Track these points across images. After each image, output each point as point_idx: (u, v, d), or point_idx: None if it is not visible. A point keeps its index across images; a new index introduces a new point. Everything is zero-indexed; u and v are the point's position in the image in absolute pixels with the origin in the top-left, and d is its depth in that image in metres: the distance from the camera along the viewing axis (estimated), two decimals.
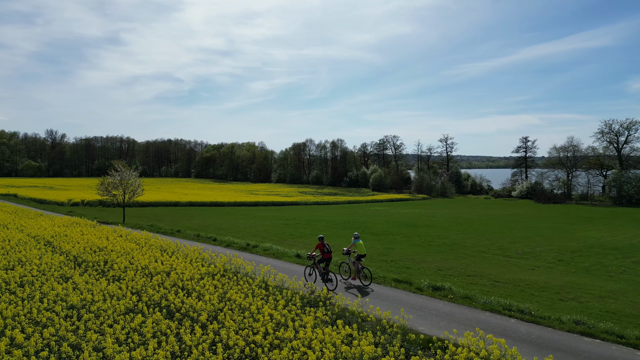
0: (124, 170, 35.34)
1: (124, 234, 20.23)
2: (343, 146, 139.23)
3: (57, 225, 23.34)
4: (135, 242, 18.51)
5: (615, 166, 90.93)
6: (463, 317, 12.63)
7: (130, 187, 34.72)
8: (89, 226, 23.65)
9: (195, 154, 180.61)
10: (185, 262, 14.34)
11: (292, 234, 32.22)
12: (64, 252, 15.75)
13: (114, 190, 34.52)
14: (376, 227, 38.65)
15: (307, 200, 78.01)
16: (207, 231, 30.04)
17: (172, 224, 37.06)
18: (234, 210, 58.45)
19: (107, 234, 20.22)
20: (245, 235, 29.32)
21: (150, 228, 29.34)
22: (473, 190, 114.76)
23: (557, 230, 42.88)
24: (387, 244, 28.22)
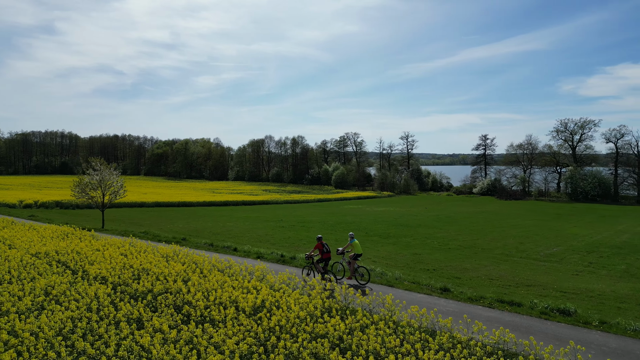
0: (104, 168, 31.53)
1: (148, 249, 17.01)
2: (304, 143, 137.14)
3: (48, 236, 19.72)
4: (167, 257, 15.50)
5: (570, 163, 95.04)
6: None
7: (111, 188, 30.98)
8: (88, 237, 20.16)
9: (145, 150, 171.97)
10: (268, 288, 11.62)
11: (298, 238, 29.88)
12: (96, 277, 12.62)
13: (92, 192, 30.64)
14: (375, 228, 37.05)
15: (277, 199, 75.38)
16: (209, 237, 27.12)
17: (158, 228, 33.63)
18: (207, 211, 54.95)
19: (130, 248, 16.91)
20: (254, 242, 26.69)
21: (144, 236, 25.95)
22: (434, 187, 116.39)
23: (543, 228, 43.22)
24: (407, 249, 26.57)
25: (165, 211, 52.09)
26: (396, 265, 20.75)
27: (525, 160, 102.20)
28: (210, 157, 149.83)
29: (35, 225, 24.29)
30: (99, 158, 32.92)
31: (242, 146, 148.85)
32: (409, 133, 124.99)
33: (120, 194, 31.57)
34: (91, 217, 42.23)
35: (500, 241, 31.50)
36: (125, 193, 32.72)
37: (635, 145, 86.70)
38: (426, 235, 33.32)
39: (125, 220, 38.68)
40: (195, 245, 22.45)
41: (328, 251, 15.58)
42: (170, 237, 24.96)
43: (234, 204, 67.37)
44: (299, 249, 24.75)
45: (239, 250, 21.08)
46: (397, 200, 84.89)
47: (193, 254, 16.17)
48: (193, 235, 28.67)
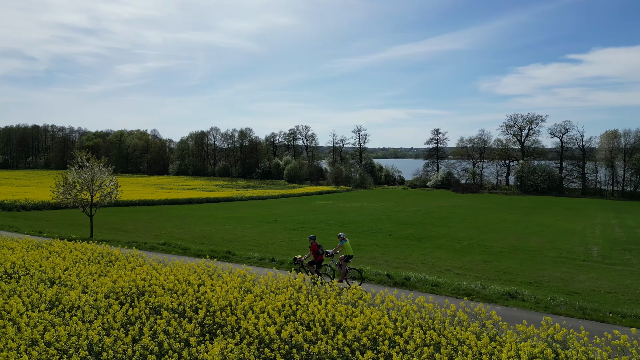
0: (94, 164, 26.13)
1: (232, 282, 12.73)
2: (252, 136, 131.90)
3: (27, 254, 14.82)
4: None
5: (519, 157, 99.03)
6: None
7: (105, 188, 25.71)
8: (91, 253, 15.39)
9: (72, 142, 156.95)
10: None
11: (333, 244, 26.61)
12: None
13: (81, 193, 25.18)
14: (387, 229, 34.60)
15: (241, 196, 70.74)
16: (241, 248, 23.15)
17: (154, 235, 28.82)
18: (178, 210, 49.60)
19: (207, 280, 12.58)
20: (295, 252, 23.11)
21: (166, 248, 21.32)
22: (387, 180, 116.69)
23: (535, 223, 43.25)
24: (460, 254, 24.34)
25: (133, 212, 46.15)
26: (478, 276, 18.37)
27: (477, 154, 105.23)
28: (148, 150, 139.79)
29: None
30: (85, 152, 27.36)
31: (183, 138, 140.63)
32: (361, 127, 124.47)
33: (114, 195, 26.32)
34: (54, 220, 35.92)
35: (526, 240, 30.32)
36: (120, 193, 27.47)
37: (579, 140, 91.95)
38: (450, 235, 31.42)
39: (99, 225, 33.17)
40: (243, 260, 18.54)
41: (323, 253, 15.03)
42: (205, 250, 20.65)
43: (198, 202, 62.05)
44: (373, 261, 21.63)
45: (278, 262, 17.58)
46: (360, 195, 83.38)
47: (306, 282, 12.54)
48: (212, 244, 24.49)
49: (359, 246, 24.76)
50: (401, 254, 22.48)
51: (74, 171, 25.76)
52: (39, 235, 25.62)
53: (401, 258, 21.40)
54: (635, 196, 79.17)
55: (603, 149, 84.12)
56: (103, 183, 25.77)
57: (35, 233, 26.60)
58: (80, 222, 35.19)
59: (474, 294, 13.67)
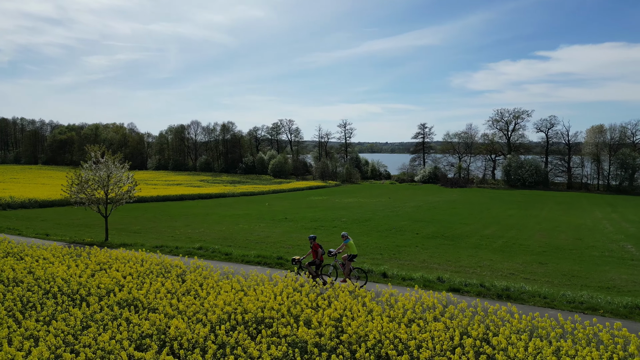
0: (110, 160, 23.85)
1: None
2: (235, 130, 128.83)
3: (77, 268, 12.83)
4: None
5: (504, 152, 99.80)
6: None
7: (122, 186, 23.48)
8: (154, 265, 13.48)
9: (43, 136, 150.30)
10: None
11: (374, 244, 25.16)
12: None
13: (96, 192, 22.86)
14: (398, 225, 33.41)
15: (232, 192, 68.52)
16: (260, 248, 21.45)
17: (163, 236, 26.77)
18: (174, 207, 47.20)
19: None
20: None
21: (205, 254, 19.35)
22: (373, 175, 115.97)
23: (537, 217, 43.00)
24: (508, 255, 23.29)
25: (127, 209, 43.45)
26: (550, 281, 17.28)
27: (463, 149, 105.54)
28: (126, 144, 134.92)
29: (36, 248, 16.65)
30: (98, 146, 25.01)
31: (162, 132, 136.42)
32: (346, 121, 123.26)
33: (132, 193, 24.10)
34: (50, 220, 33.19)
35: (554, 237, 29.67)
36: (138, 192, 25.25)
37: (565, 135, 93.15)
38: (477, 233, 30.45)
39: (98, 225, 30.80)
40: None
41: (323, 253, 14.72)
42: (251, 256, 18.64)
43: (190, 198, 59.60)
44: (426, 265, 20.24)
45: (389, 276, 15.93)
46: (351, 190, 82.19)
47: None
48: (242, 246, 22.65)
49: (398, 247, 23.42)
50: (450, 257, 21.21)
51: (88, 168, 23.43)
52: (48, 239, 23.27)
53: (452, 261, 20.14)
54: (620, 190, 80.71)
55: (589, 143, 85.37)
56: (120, 181, 23.56)
57: (42, 236, 24.18)
58: (80, 222, 32.66)
59: (600, 308, 12.27)
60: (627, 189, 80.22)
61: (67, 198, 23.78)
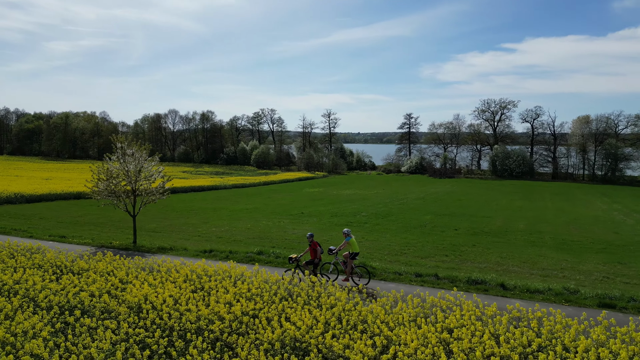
0: (137, 151, 21.21)
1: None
2: (215, 119, 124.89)
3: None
4: None
5: (491, 142, 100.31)
6: None
7: (154, 180, 20.86)
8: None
9: (7, 125, 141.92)
10: None
11: (404, 245, 23.51)
12: None
13: (125, 186, 20.13)
14: (427, 220, 32.05)
15: (224, 184, 65.79)
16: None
17: (192, 236, 24.42)
18: (170, 201, 44.33)
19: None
20: (398, 258, 19.74)
21: (265, 259, 17.12)
22: (358, 166, 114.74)
23: (547, 209, 42.57)
24: (576, 254, 22.11)
25: None
26: None
27: (448, 139, 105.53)
28: (99, 133, 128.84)
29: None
30: (124, 136, 22.29)
31: (137, 121, 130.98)
32: (330, 110, 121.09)
33: (164, 190, 21.52)
34: (50, 219, 30.04)
35: (588, 231, 28.91)
36: (171, 186, 22.71)
37: (551, 125, 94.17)
38: (512, 228, 29.34)
39: (102, 224, 28.05)
40: (399, 278, 15.00)
41: (322, 252, 14.51)
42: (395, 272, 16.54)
43: (183, 191, 56.68)
44: (502, 268, 18.71)
45: (508, 288, 14.16)
46: (342, 181, 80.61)
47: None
48: (290, 247, 20.62)
49: (457, 247, 21.81)
50: (518, 257, 19.73)
51: (116, 160, 20.77)
52: (65, 241, 20.59)
53: (528, 262, 18.61)
54: (606, 180, 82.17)
55: (576, 134, 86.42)
56: (151, 175, 21.02)
57: (57, 239, 21.42)
58: (86, 220, 29.72)
59: None
60: (613, 178, 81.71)
61: (92, 195, 21.00)
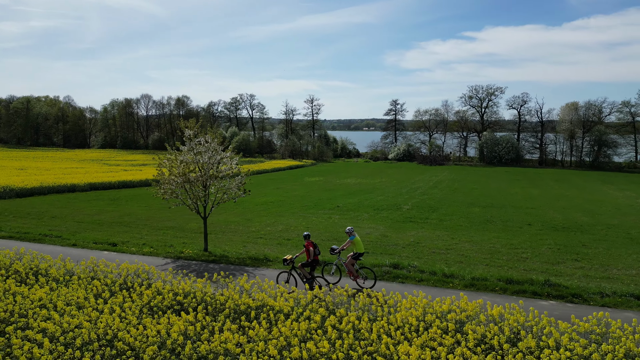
0: (215, 141, 17.52)
1: None
2: (191, 105, 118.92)
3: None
4: None
5: (478, 129, 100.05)
6: None
7: (229, 175, 17.22)
8: None
9: None
10: None
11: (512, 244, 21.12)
12: None
13: (197, 183, 16.39)
14: (476, 214, 29.95)
15: None
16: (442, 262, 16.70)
17: (251, 238, 21.13)
18: None
19: None
20: (510, 262, 17.23)
21: (407, 274, 13.92)
22: (343, 153, 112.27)
23: (562, 197, 41.56)
24: None
25: (129, 198, 36.29)
26: None
27: (434, 126, 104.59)
28: (65, 119, 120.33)
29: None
30: (192, 120, 18.48)
31: (105, 106, 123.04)
32: (313, 96, 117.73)
33: (243, 183, 17.76)
34: (65, 217, 25.77)
35: (631, 223, 27.49)
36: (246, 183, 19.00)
37: (538, 112, 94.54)
38: (570, 220, 27.59)
39: (133, 224, 24.32)
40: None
41: (319, 253, 13.59)
42: (491, 278, 13.73)
43: None
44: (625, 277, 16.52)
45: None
46: (332, 169, 77.86)
47: None
48: (419, 256, 17.73)
49: (565, 247, 19.60)
50: (627, 261, 17.74)
51: (185, 151, 17.13)
52: (127, 252, 16.95)
53: None
54: (595, 166, 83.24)
55: (565, 120, 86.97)
56: (230, 169, 17.46)
57: (106, 247, 17.69)
58: (106, 219, 25.69)
59: None
60: (601, 164, 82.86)
61: (160, 194, 17.22)
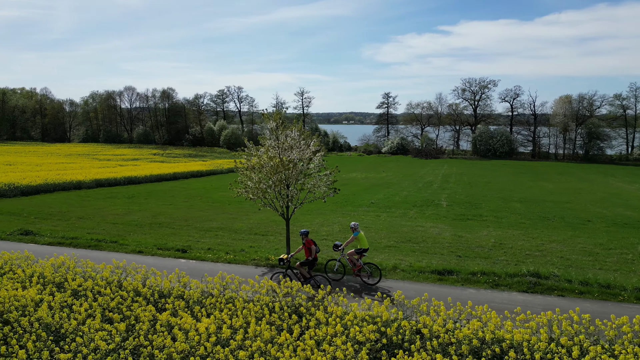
0: (302, 135, 15.50)
1: None
2: (177, 97, 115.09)
3: None
4: None
5: (471, 122, 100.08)
6: None
7: (321, 174, 15.19)
8: None
9: None
10: None
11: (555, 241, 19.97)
12: None
13: (281, 183, 14.44)
14: (522, 210, 29.06)
15: (221, 168, 59.43)
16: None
17: None
18: (190, 190, 38.22)
19: None
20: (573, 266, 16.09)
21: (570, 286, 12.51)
22: (334, 147, 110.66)
23: (603, 192, 41.39)
24: None
25: (133, 195, 33.89)
26: None
27: (426, 119, 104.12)
28: (43, 112, 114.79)
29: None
30: (278, 112, 16.35)
31: (85, 99, 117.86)
32: (303, 89, 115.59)
33: (331, 180, 15.60)
34: (94, 220, 23.41)
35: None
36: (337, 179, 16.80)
37: (531, 105, 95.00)
38: (612, 218, 26.90)
39: (154, 223, 22.35)
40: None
41: (318, 251, 13.02)
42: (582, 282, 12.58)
43: (184, 177, 50.16)
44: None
45: None
46: (334, 163, 76.12)
47: None
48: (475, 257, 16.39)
49: None
50: None
51: (272, 146, 15.17)
52: (197, 258, 15.06)
53: None
54: (588, 159, 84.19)
55: (558, 113, 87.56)
56: (319, 166, 15.56)
57: (174, 254, 15.73)
58: (136, 220, 23.50)
59: None
60: (594, 157, 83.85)
61: (244, 193, 15.21)
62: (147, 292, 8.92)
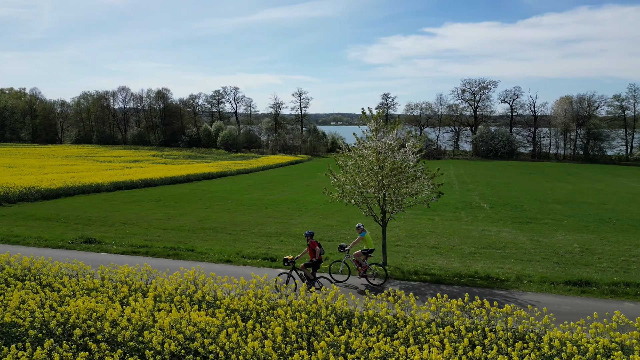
0: (411, 136, 14.38)
1: None
2: (173, 98, 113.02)
3: None
4: None
5: (471, 123, 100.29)
6: None
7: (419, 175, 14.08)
8: None
9: None
10: None
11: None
12: None
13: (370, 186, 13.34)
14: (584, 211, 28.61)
15: (229, 170, 58.13)
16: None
17: None
18: (207, 193, 36.99)
19: None
20: None
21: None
22: (334, 147, 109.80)
23: (602, 191, 41.20)
24: None
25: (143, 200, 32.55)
26: None
27: (424, 120, 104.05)
28: (34, 113, 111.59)
29: None
30: (380, 112, 15.15)
31: (77, 99, 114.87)
32: (301, 90, 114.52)
33: (436, 190, 14.41)
34: (138, 225, 22.08)
35: None
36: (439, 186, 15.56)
37: (531, 105, 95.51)
38: None
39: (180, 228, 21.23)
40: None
41: (323, 252, 13.01)
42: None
43: (196, 179, 48.82)
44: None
45: None
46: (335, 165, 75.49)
47: None
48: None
49: None
50: None
51: (371, 147, 14.15)
52: (263, 264, 14.05)
53: None
54: (589, 159, 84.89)
55: (559, 114, 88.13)
56: (415, 167, 14.56)
57: (239, 261, 14.68)
58: (182, 225, 22.24)
59: None
60: (595, 158, 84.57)
61: (341, 196, 14.20)
62: (325, 313, 7.88)
